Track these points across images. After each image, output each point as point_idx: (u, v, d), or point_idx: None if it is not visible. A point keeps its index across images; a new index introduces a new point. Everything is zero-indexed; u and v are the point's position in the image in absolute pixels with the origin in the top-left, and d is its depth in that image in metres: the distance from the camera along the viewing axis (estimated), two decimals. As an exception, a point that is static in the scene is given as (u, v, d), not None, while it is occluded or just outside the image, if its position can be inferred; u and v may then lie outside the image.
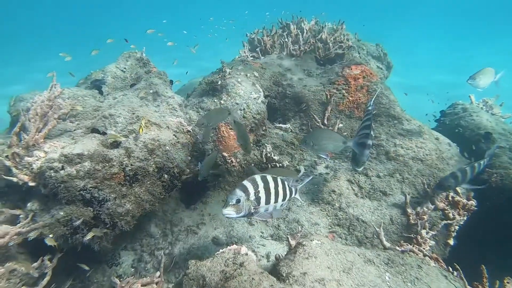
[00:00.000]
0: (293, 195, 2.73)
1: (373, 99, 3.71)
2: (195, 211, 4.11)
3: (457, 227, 3.63)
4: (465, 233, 3.77)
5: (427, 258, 3.04)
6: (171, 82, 5.00)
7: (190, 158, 4.10)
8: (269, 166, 4.50)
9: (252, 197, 2.33)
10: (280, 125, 5.01)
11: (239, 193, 2.28)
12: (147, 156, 3.41)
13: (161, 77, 4.83)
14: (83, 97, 4.16)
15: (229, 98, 4.79)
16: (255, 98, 4.85)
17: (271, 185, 2.45)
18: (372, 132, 3.45)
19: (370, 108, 3.56)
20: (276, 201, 2.50)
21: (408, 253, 2.96)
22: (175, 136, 3.87)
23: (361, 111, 4.83)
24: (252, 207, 2.35)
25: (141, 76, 5.01)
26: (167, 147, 3.65)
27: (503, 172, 4.13)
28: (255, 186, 2.37)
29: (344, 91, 5.01)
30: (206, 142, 4.20)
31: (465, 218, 3.65)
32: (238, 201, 2.26)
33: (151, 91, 4.49)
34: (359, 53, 7.02)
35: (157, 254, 3.57)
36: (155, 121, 3.91)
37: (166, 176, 3.49)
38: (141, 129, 3.35)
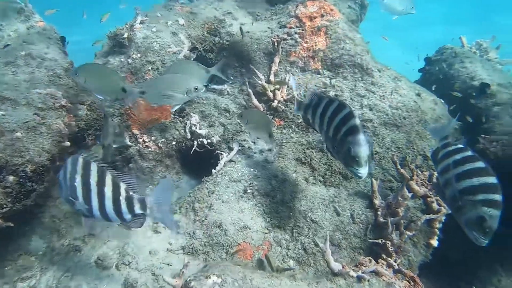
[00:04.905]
0: (137, 211, 1.78)
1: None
2: (92, 214, 3.00)
3: (443, 220, 2.57)
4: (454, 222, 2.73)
5: (398, 281, 2.00)
6: (63, 39, 3.68)
7: (69, 144, 2.91)
8: (195, 143, 3.36)
9: (67, 182, 1.79)
10: (214, 86, 3.77)
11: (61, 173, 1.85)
12: (-26, 151, 2.23)
13: (43, 33, 3.52)
14: None
15: (139, 55, 3.53)
16: (174, 53, 3.59)
17: (93, 179, 1.74)
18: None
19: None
20: (101, 207, 1.74)
21: (368, 281, 1.91)
22: (38, 115, 2.66)
23: (318, 62, 3.60)
24: (70, 196, 1.80)
25: (21, 35, 3.69)
26: (18, 134, 2.45)
27: (506, 140, 2.97)
28: (73, 170, 1.77)
29: (297, 36, 3.74)
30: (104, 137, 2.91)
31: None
32: (60, 181, 1.85)
33: (22, 52, 3.21)
34: (325, -10, 5.62)
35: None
36: (11, 95, 2.69)
37: (11, 178, 2.32)
38: None
